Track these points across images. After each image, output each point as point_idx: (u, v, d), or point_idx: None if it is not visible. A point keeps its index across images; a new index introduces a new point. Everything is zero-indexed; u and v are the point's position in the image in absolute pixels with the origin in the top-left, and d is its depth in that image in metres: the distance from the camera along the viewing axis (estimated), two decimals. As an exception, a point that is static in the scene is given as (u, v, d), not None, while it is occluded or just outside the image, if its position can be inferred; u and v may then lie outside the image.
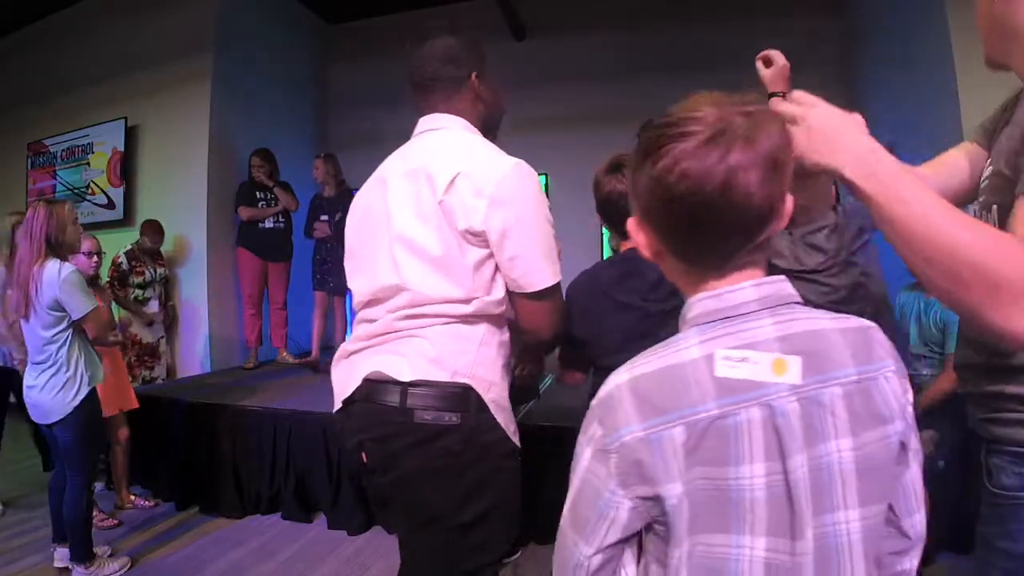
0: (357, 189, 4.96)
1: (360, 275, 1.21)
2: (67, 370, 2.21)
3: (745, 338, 0.59)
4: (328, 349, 4.40)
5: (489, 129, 1.27)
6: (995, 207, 0.83)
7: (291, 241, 4.39)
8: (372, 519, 2.79)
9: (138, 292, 3.83)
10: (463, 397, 1.06)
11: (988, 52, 0.88)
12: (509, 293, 1.12)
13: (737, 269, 0.61)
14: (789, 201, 0.60)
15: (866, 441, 0.58)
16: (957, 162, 0.98)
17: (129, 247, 3.87)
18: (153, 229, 3.96)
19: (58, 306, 2.17)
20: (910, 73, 3.50)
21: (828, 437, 0.57)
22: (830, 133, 0.68)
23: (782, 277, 0.62)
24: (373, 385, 1.09)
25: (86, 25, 4.75)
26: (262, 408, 3.07)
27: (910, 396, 0.63)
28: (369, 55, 5.62)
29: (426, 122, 1.24)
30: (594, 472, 0.61)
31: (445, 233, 1.06)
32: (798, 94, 0.72)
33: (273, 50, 5.00)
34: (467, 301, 1.08)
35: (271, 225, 4.25)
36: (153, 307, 3.94)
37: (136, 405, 3.00)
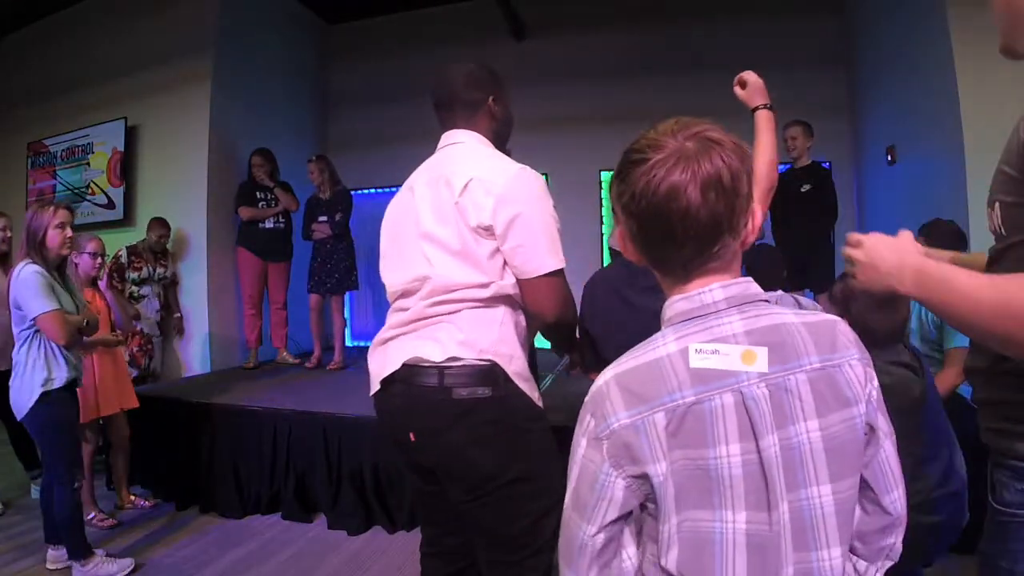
0: (355, 189, 4.95)
1: (393, 271, 1.38)
2: (23, 371, 2.20)
3: (715, 333, 0.66)
4: (328, 350, 4.41)
5: (501, 142, 1.44)
6: (997, 204, 0.83)
7: (291, 241, 4.39)
8: (372, 519, 2.79)
9: (133, 289, 3.87)
10: (491, 372, 1.22)
11: (1003, 40, 0.86)
12: (517, 280, 1.27)
13: (697, 276, 0.69)
14: (754, 217, 0.69)
15: (832, 422, 0.65)
16: None
17: (134, 244, 3.91)
18: (159, 224, 4.00)
19: (18, 305, 2.19)
20: (910, 73, 3.50)
21: (796, 419, 0.64)
22: (880, 263, 0.81)
23: (748, 279, 0.70)
24: (412, 369, 1.25)
25: (86, 25, 4.76)
26: (262, 408, 3.07)
27: (875, 383, 0.69)
28: (369, 55, 5.62)
29: (447, 137, 1.40)
30: (590, 458, 0.68)
31: (461, 229, 1.23)
32: (852, 237, 0.86)
33: (273, 50, 5.00)
34: (486, 285, 1.23)
35: (271, 225, 4.25)
36: (152, 305, 3.95)
37: (136, 404, 3.00)
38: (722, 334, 0.66)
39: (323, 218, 4.19)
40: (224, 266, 4.35)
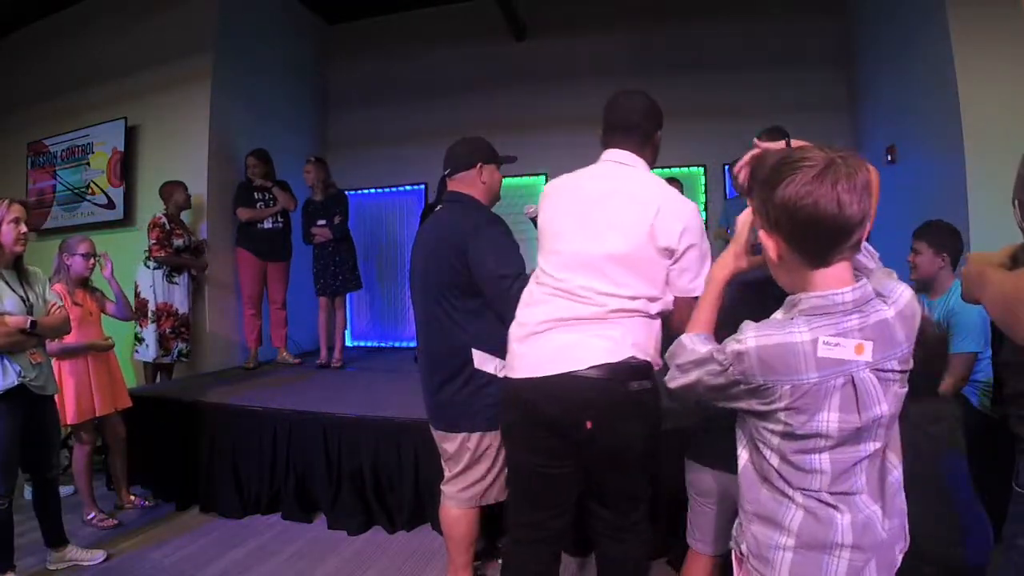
0: (355, 189, 4.94)
1: (565, 269, 1.48)
2: None
3: (839, 328, 0.86)
4: (330, 350, 4.41)
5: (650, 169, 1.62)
6: (1017, 202, 0.90)
7: (290, 241, 4.39)
8: (372, 519, 2.79)
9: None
10: (649, 369, 1.44)
11: None
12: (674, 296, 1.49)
13: (838, 262, 0.88)
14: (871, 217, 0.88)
15: (897, 393, 0.90)
16: None
17: (163, 213, 3.88)
18: (180, 186, 3.95)
19: None
20: (910, 73, 3.50)
21: (889, 386, 0.88)
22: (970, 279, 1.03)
23: (865, 282, 0.89)
24: (597, 366, 1.39)
25: (86, 25, 4.75)
26: (262, 408, 3.07)
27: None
28: (369, 55, 5.62)
29: (614, 155, 1.56)
30: (723, 363, 0.94)
31: (648, 248, 1.41)
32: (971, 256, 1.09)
33: (273, 50, 5.00)
34: (655, 300, 1.44)
35: (270, 225, 4.24)
36: (184, 279, 3.97)
37: (130, 403, 3.00)
38: (844, 329, 0.86)
39: (321, 222, 4.20)
40: (224, 266, 4.34)
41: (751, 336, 0.89)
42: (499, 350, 1.65)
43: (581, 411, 1.40)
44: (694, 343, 1.02)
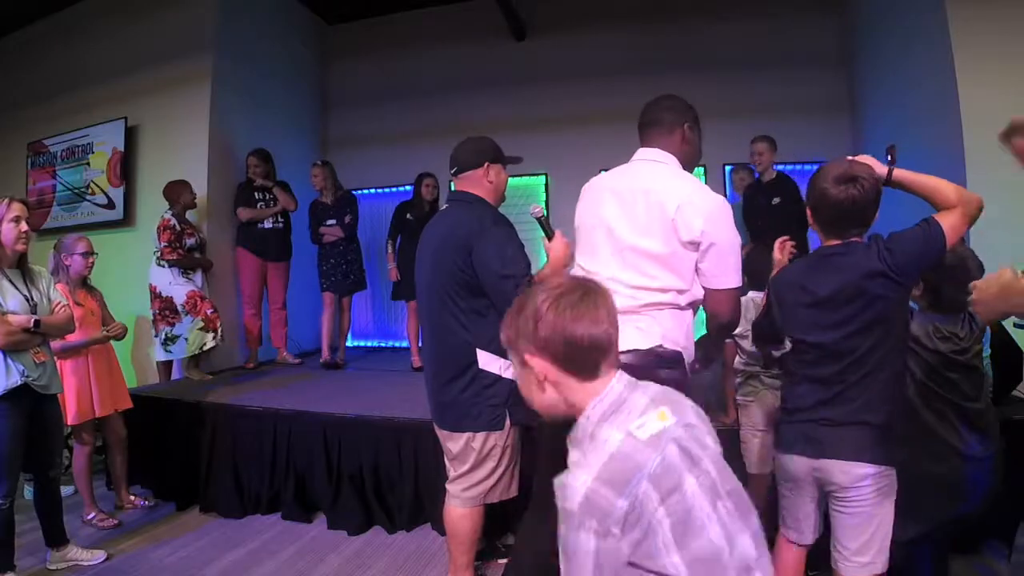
0: (355, 189, 4.94)
1: (596, 260, 1.57)
2: None
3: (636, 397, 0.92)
4: (333, 350, 4.41)
5: (689, 167, 1.65)
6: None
7: (290, 241, 4.40)
8: (372, 519, 2.79)
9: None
10: (680, 359, 1.50)
11: None
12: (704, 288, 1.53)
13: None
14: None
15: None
16: None
17: (171, 213, 3.82)
18: (185, 186, 3.88)
19: None
20: (910, 73, 3.50)
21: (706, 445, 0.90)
22: (991, 300, 1.05)
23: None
24: (626, 351, 1.36)
25: (86, 25, 4.75)
26: (262, 408, 3.07)
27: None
28: (369, 55, 5.62)
29: (643, 153, 1.63)
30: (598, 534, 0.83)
31: (671, 241, 1.46)
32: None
33: (273, 50, 5.00)
34: (683, 292, 1.50)
35: (270, 225, 4.25)
36: (199, 276, 3.94)
37: (130, 404, 3.00)
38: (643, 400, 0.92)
39: (331, 221, 4.22)
40: (224, 266, 4.34)
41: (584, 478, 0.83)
42: (504, 350, 1.65)
43: None
44: None
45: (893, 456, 1.47)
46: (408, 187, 4.35)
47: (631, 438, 0.84)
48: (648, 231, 1.49)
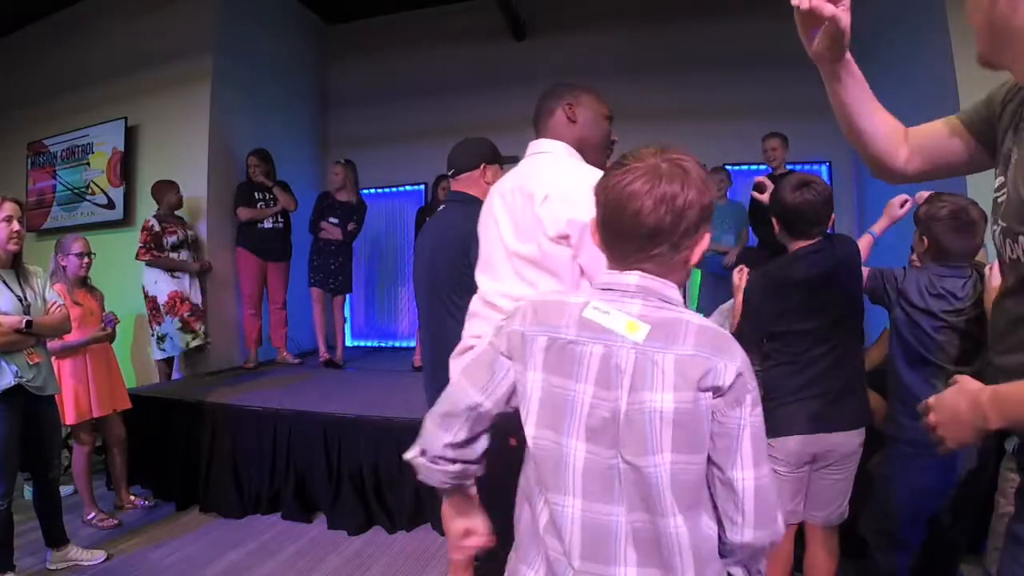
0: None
1: (483, 279, 1.45)
2: None
3: (615, 305, 0.81)
4: (329, 348, 4.41)
5: (592, 150, 1.45)
6: (1021, 237, 0.83)
7: (290, 241, 4.40)
8: (372, 519, 2.79)
9: (172, 255, 3.86)
10: None
11: (983, 51, 0.89)
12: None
13: (630, 267, 0.82)
14: (699, 244, 0.81)
15: (684, 399, 0.75)
16: (948, 139, 1.06)
17: (155, 214, 3.87)
18: (171, 187, 3.92)
19: None
20: (910, 73, 3.50)
21: (655, 388, 0.76)
22: (957, 416, 0.82)
23: (668, 283, 0.82)
24: None
25: (86, 25, 4.75)
26: (262, 408, 3.07)
27: (738, 395, 0.77)
28: (369, 55, 5.62)
29: (531, 147, 1.46)
30: (493, 344, 0.89)
31: (540, 240, 1.27)
32: (921, 405, 0.88)
33: (273, 50, 5.00)
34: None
35: (270, 225, 4.25)
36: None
37: (129, 405, 3.00)
38: (619, 308, 0.81)
39: (334, 220, 4.23)
40: (224, 266, 4.34)
41: (535, 295, 0.97)
42: None
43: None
44: None
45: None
46: (408, 187, 4.36)
47: (581, 307, 0.82)
48: (523, 232, 1.31)
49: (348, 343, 4.79)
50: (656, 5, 4.89)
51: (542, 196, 1.27)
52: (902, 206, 1.93)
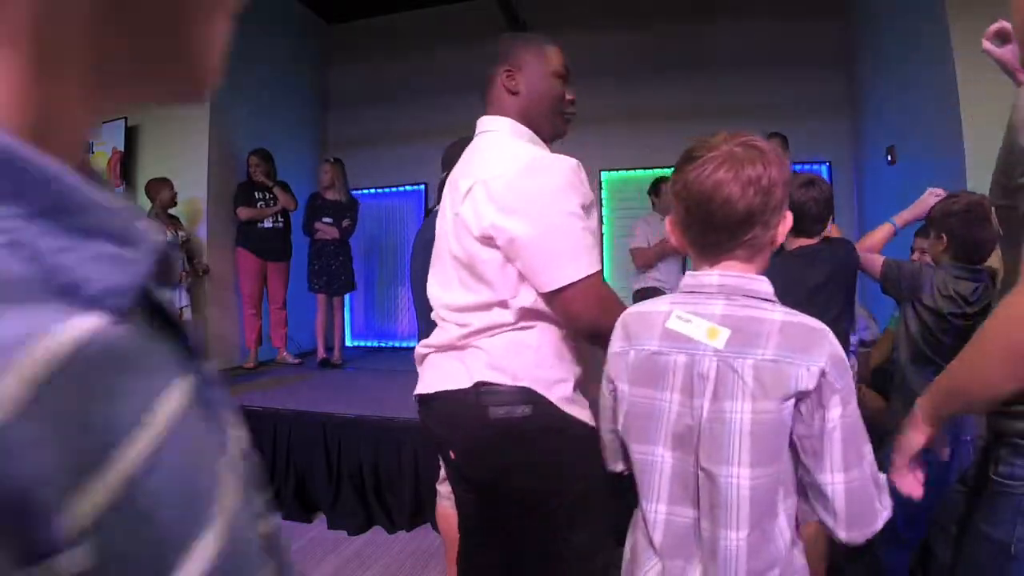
0: (353, 190, 4.93)
1: (431, 285, 1.27)
2: None
3: (698, 309, 0.81)
4: (329, 350, 4.41)
5: (543, 120, 1.18)
6: (993, 208, 0.89)
7: (290, 241, 4.39)
8: (372, 519, 2.79)
9: None
10: (527, 394, 1.07)
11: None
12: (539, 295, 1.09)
13: (719, 259, 0.82)
14: (785, 221, 0.82)
15: (764, 408, 0.75)
16: None
17: (147, 213, 3.87)
18: (164, 184, 3.90)
19: None
20: (910, 73, 3.50)
21: (735, 397, 0.76)
22: (901, 446, 0.96)
23: (752, 276, 0.81)
24: (448, 392, 1.15)
25: (86, 25, 4.75)
26: (262, 408, 3.07)
27: (823, 396, 0.75)
28: (369, 55, 5.62)
29: (478, 125, 1.22)
30: (605, 372, 0.94)
31: (467, 239, 1.09)
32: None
33: (273, 50, 5.00)
34: (504, 304, 1.08)
35: (270, 225, 4.25)
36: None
37: None
38: (702, 312, 0.80)
39: (328, 220, 4.22)
40: (224, 266, 4.34)
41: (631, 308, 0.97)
42: None
43: (441, 436, 1.34)
44: None
45: None
46: (408, 187, 4.37)
47: (665, 317, 0.84)
48: (457, 231, 1.12)
49: (348, 343, 4.79)
50: (656, 5, 4.89)
51: (465, 189, 1.07)
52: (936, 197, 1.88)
